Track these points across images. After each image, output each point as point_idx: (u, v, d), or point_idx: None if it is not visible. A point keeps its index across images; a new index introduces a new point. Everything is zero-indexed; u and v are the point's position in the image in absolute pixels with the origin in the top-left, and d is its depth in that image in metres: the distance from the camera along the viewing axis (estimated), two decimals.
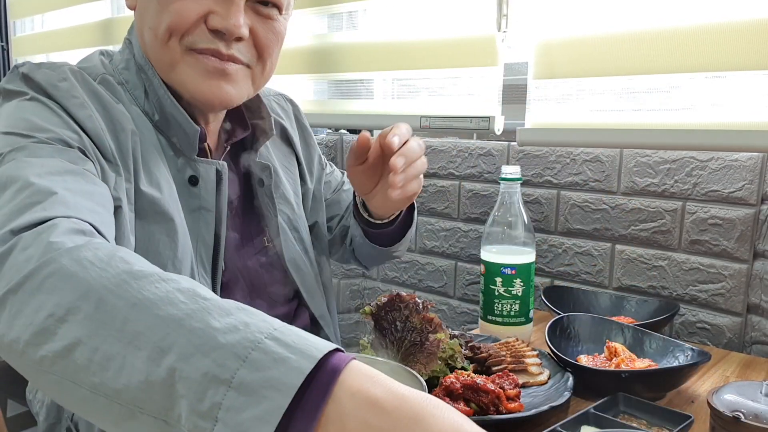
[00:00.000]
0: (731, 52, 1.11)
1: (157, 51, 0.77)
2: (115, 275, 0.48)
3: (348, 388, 0.41)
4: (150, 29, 0.77)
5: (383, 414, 0.40)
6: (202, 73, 0.77)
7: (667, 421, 0.75)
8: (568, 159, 1.35)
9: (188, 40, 0.76)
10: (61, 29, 2.98)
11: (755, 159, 1.13)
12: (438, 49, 1.52)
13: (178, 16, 0.74)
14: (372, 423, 0.40)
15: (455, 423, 0.40)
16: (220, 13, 0.74)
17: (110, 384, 0.44)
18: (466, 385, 0.78)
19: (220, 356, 0.41)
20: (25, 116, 0.68)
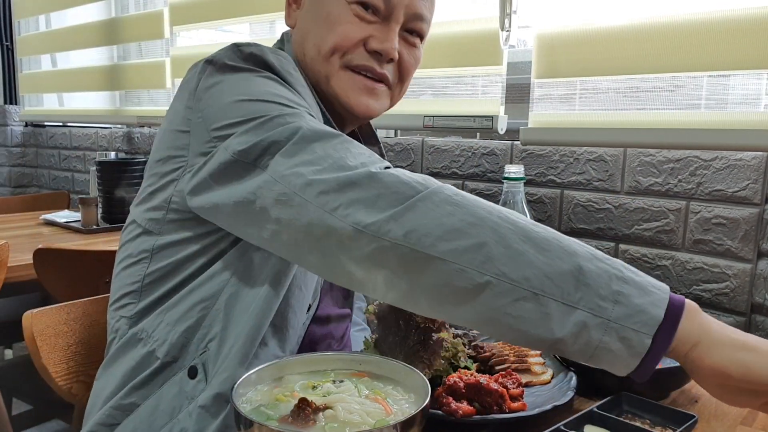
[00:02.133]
0: (735, 51, 1.11)
1: (318, 64, 0.87)
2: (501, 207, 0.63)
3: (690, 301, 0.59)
4: (314, 45, 0.87)
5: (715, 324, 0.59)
6: (354, 88, 0.88)
7: (670, 420, 0.75)
8: (571, 158, 1.35)
9: (348, 58, 0.87)
10: (65, 29, 2.98)
11: (759, 158, 1.12)
12: (441, 48, 1.52)
13: (344, 37, 0.85)
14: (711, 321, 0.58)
15: None
16: (378, 38, 0.86)
17: (518, 272, 0.58)
18: (470, 384, 0.78)
19: (613, 263, 0.59)
20: (274, 90, 0.75)
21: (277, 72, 0.79)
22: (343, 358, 0.79)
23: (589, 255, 0.59)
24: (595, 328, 0.56)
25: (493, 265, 0.58)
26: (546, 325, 0.57)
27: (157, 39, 2.45)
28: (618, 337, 0.56)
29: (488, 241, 0.59)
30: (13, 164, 3.23)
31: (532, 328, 0.58)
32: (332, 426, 0.64)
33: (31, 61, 3.25)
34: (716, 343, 0.57)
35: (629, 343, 0.55)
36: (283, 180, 0.65)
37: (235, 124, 0.71)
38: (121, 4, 2.78)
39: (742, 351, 0.56)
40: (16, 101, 3.27)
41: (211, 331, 0.81)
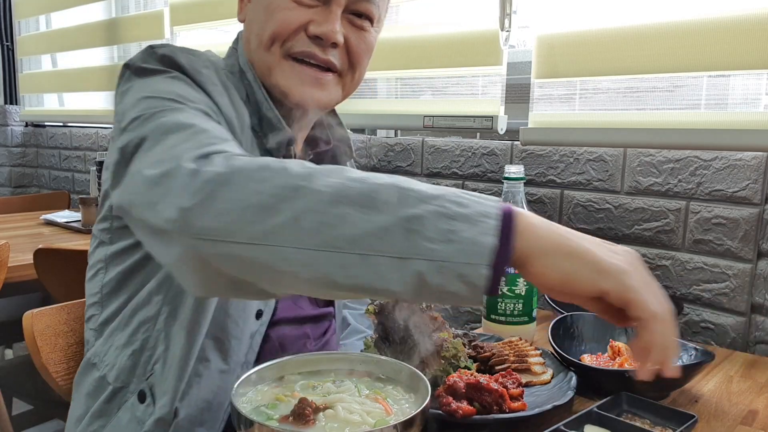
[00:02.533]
0: (735, 51, 1.11)
1: (260, 55, 0.85)
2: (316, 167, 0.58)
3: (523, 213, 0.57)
4: (256, 36, 0.85)
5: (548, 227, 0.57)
6: (297, 80, 0.85)
7: (670, 420, 0.75)
8: (571, 158, 1.35)
9: (288, 45, 0.84)
10: (65, 29, 2.98)
11: (759, 158, 1.13)
12: (441, 48, 1.52)
13: (282, 24, 0.83)
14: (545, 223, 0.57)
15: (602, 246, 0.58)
16: (318, 21, 0.82)
17: (341, 238, 0.53)
18: (470, 384, 0.78)
19: (440, 201, 0.55)
20: (173, 89, 0.73)
21: (186, 71, 0.77)
22: (343, 358, 0.79)
23: (413, 199, 0.55)
24: (431, 273, 0.53)
25: (316, 237, 0.54)
26: (382, 283, 0.54)
27: (157, 39, 2.45)
28: (455, 276, 0.53)
29: (301, 213, 0.54)
30: (13, 164, 3.24)
31: (372, 289, 0.55)
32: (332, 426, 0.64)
33: (31, 61, 3.25)
34: (543, 253, 0.56)
35: (467, 279, 0.53)
36: (134, 179, 0.62)
37: (129, 123, 0.70)
38: (122, 4, 2.79)
39: (565, 260, 0.56)
40: (16, 101, 3.27)
41: (155, 353, 0.81)
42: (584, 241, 0.57)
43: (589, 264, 0.56)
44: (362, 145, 1.72)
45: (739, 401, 0.88)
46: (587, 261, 0.56)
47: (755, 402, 0.88)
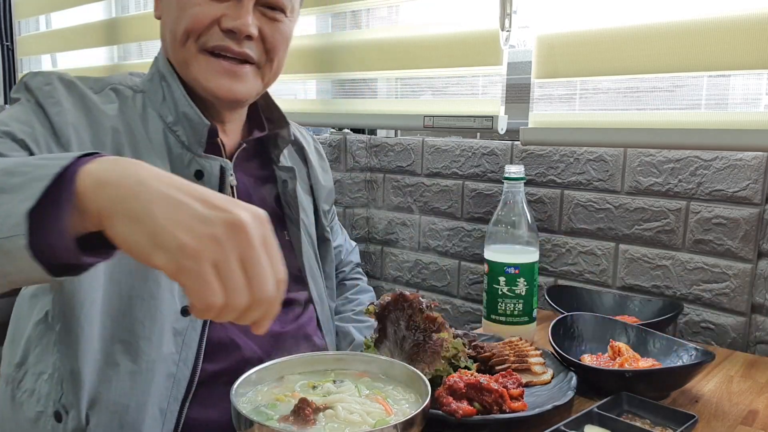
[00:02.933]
0: (735, 51, 1.11)
1: (176, 51, 0.88)
2: None
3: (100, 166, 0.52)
4: (170, 32, 0.88)
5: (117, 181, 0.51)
6: (214, 72, 0.87)
7: (671, 420, 0.75)
8: (571, 158, 1.35)
9: (202, 40, 0.86)
10: (65, 29, 2.98)
11: (760, 158, 1.12)
12: (441, 48, 1.52)
13: (194, 19, 0.84)
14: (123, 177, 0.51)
15: None
16: (231, 15, 0.84)
17: None
18: (470, 384, 0.78)
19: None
20: (2, 117, 0.79)
21: (32, 93, 0.82)
22: (343, 358, 0.79)
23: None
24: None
25: None
26: None
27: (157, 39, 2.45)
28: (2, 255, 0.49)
29: None
30: None
31: None
32: (332, 426, 0.64)
33: (31, 61, 3.25)
34: (107, 214, 0.50)
35: (11, 255, 0.49)
36: None
37: None
38: (122, 4, 2.79)
39: (125, 222, 0.50)
40: None
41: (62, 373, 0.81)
42: (161, 201, 0.50)
43: (147, 232, 0.49)
44: (362, 145, 1.72)
45: (739, 401, 0.88)
46: (146, 228, 0.49)
47: (755, 402, 0.88)
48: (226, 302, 0.50)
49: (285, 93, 2.05)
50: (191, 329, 0.85)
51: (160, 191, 0.50)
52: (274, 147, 1.03)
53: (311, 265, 1.04)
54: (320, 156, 1.18)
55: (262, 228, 0.52)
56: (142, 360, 0.81)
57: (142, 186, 0.50)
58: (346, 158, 1.73)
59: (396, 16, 1.73)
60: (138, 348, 0.81)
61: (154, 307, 0.82)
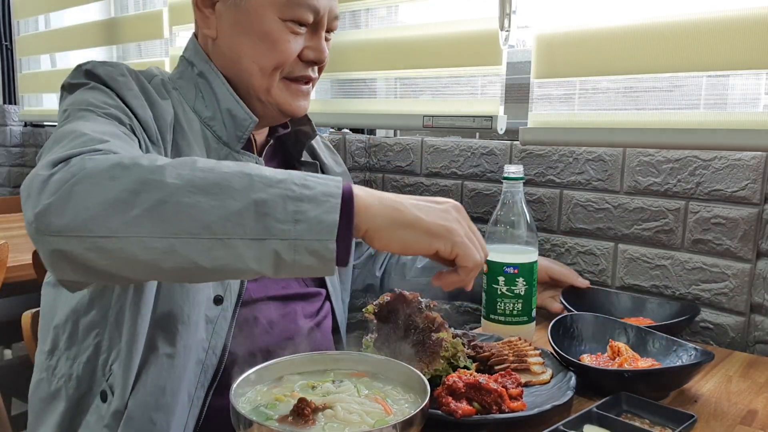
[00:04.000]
0: (734, 51, 1.11)
1: (259, 79, 0.93)
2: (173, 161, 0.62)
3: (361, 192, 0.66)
4: (254, 63, 0.92)
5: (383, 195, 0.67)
6: (292, 96, 0.95)
7: (670, 420, 0.75)
8: (570, 158, 1.35)
9: (287, 71, 0.93)
10: (64, 29, 2.98)
11: (759, 158, 1.13)
12: (441, 48, 1.52)
13: (285, 55, 0.91)
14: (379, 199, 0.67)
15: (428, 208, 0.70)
16: (313, 48, 0.93)
17: (197, 224, 0.59)
18: (469, 384, 0.78)
19: (286, 184, 0.61)
20: (86, 98, 0.81)
21: (103, 81, 0.84)
22: (342, 358, 0.79)
23: (260, 184, 0.61)
24: (286, 251, 0.60)
25: (171, 226, 0.58)
26: (243, 264, 0.60)
27: (156, 39, 2.45)
28: (308, 252, 0.61)
29: (156, 204, 0.59)
30: (12, 164, 3.23)
31: (232, 270, 0.61)
32: (332, 426, 0.64)
33: (30, 61, 3.25)
34: (380, 228, 0.65)
35: (319, 254, 0.61)
36: None
37: None
38: (121, 4, 2.78)
39: (401, 229, 0.66)
40: (15, 101, 3.26)
41: (110, 355, 0.84)
42: (414, 209, 0.67)
43: (422, 231, 0.67)
44: (361, 144, 1.72)
45: (738, 401, 0.88)
46: (420, 228, 0.67)
47: (754, 402, 0.88)
48: (482, 257, 0.71)
49: None
50: (222, 318, 0.88)
51: (409, 204, 0.68)
52: (295, 143, 1.08)
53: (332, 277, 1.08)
54: (330, 150, 1.22)
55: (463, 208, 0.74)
56: (179, 344, 0.84)
57: (397, 204, 0.67)
58: (345, 158, 1.73)
59: (395, 16, 1.73)
60: (175, 332, 0.84)
61: (193, 294, 0.85)
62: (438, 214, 0.68)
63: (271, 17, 0.89)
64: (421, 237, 0.67)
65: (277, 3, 0.89)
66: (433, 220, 0.68)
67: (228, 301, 0.89)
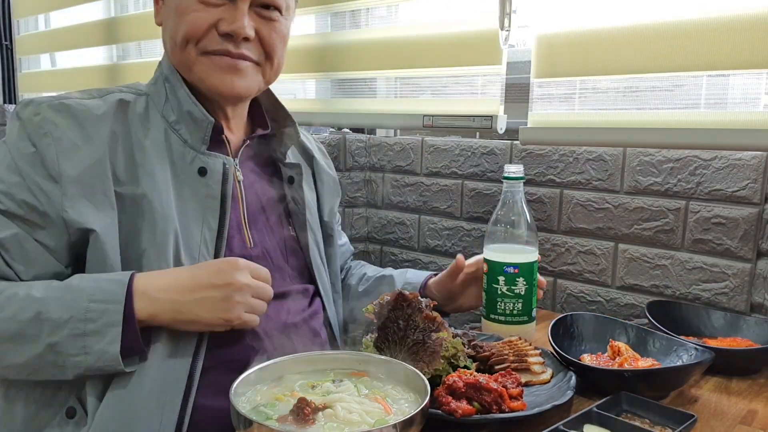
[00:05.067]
0: (735, 50, 1.11)
1: (177, 56, 0.91)
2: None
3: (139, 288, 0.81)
4: (170, 38, 0.91)
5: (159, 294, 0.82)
6: (215, 69, 0.90)
7: (670, 420, 0.75)
8: (571, 158, 1.35)
9: (202, 44, 0.89)
10: (64, 28, 2.98)
11: (759, 158, 1.12)
12: (441, 47, 1.52)
13: (193, 25, 0.88)
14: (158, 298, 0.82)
15: None
16: (227, 20, 0.88)
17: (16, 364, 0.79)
18: (469, 383, 0.78)
19: (72, 324, 0.77)
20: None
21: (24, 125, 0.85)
22: (342, 357, 0.79)
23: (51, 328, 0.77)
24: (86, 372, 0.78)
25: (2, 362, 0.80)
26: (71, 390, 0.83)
27: (156, 39, 2.45)
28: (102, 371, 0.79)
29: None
30: None
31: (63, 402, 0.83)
32: (331, 425, 0.64)
33: (30, 60, 3.25)
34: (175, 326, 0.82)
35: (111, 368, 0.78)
36: None
37: None
38: (121, 3, 2.78)
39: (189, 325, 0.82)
40: (15, 101, 3.26)
41: None
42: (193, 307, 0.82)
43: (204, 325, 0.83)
44: (361, 144, 1.72)
45: (738, 401, 0.88)
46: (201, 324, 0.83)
47: (754, 402, 0.88)
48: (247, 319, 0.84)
49: (284, 93, 2.04)
50: None
51: (186, 301, 0.81)
52: (279, 145, 1.05)
53: (316, 259, 1.06)
54: (323, 154, 1.21)
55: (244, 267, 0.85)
56: None
57: (175, 304, 0.81)
58: (346, 158, 1.73)
59: (395, 15, 1.73)
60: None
61: None
62: (216, 305, 0.81)
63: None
64: (206, 327, 0.83)
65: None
66: (209, 315, 0.81)
67: None
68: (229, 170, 0.92)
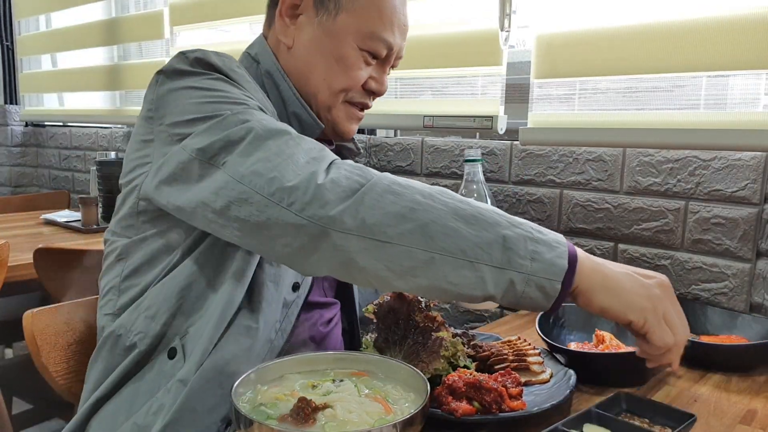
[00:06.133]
0: (735, 51, 1.11)
1: (325, 97, 0.96)
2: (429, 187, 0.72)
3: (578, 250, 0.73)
4: (324, 81, 0.95)
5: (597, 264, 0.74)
6: (348, 118, 0.99)
7: (669, 419, 0.75)
8: (570, 158, 1.35)
9: (350, 95, 0.97)
10: (65, 28, 2.98)
11: (758, 158, 1.13)
12: (441, 48, 1.52)
13: (356, 82, 0.95)
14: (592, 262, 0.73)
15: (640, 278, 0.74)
16: (377, 80, 0.97)
17: (455, 246, 0.67)
18: (469, 383, 0.78)
19: (525, 227, 0.71)
20: (222, 89, 0.80)
21: (222, 72, 0.83)
22: (343, 357, 0.79)
23: (507, 223, 0.70)
24: (520, 282, 0.68)
25: (435, 243, 0.67)
26: (482, 286, 0.68)
27: (157, 39, 2.45)
28: (537, 287, 0.69)
29: (427, 223, 0.68)
30: (13, 164, 3.24)
31: (470, 290, 0.69)
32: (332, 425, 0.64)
33: (31, 60, 3.25)
34: (588, 289, 0.71)
35: (545, 290, 0.69)
36: (243, 180, 0.71)
37: (191, 124, 0.76)
38: (121, 4, 2.79)
39: (603, 294, 0.72)
40: (16, 101, 3.27)
41: (189, 318, 0.85)
42: (621, 278, 0.73)
43: (621, 300, 0.72)
44: (362, 144, 1.73)
45: (738, 400, 0.88)
46: (620, 298, 0.72)
47: (754, 401, 0.88)
48: (675, 341, 0.73)
49: None
50: (295, 304, 0.90)
51: (618, 272, 0.73)
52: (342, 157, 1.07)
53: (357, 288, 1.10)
54: None
55: (671, 286, 0.76)
56: (261, 320, 0.86)
57: (607, 270, 0.73)
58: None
59: None
60: (259, 308, 0.86)
61: (279, 275, 0.88)
62: (640, 289, 0.73)
63: (351, 44, 0.93)
64: (619, 305, 0.72)
65: (360, 33, 0.92)
66: (634, 292, 0.73)
67: (303, 289, 0.91)
68: None
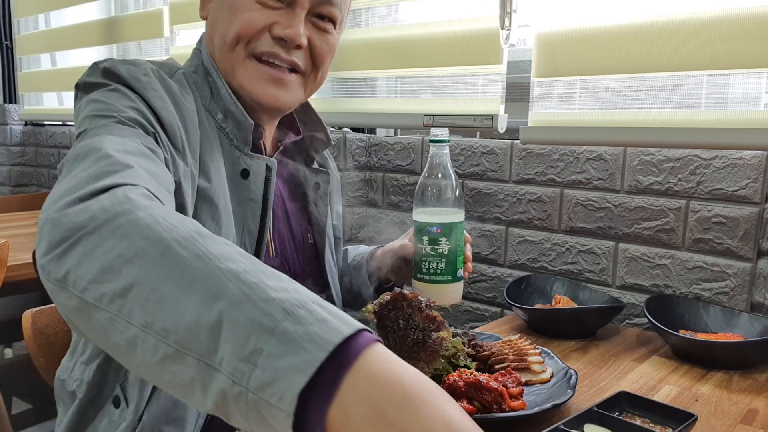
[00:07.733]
0: (735, 49, 1.11)
1: (224, 55, 0.88)
2: (185, 231, 0.50)
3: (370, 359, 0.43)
4: (220, 35, 0.87)
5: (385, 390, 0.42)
6: (259, 78, 0.87)
7: (670, 419, 0.75)
8: (571, 157, 1.35)
9: (252, 46, 0.86)
10: (64, 27, 2.98)
11: (759, 157, 1.12)
12: (441, 47, 1.52)
13: (247, 24, 0.85)
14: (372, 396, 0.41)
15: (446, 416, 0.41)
16: (283, 24, 0.85)
17: (161, 323, 0.45)
18: (469, 383, 0.78)
19: (268, 307, 0.43)
20: (108, 101, 0.75)
21: (124, 81, 0.78)
22: None
23: (242, 296, 0.44)
24: (235, 399, 0.42)
25: (139, 314, 0.46)
26: (192, 392, 0.45)
27: (156, 38, 2.45)
28: (258, 415, 0.42)
29: (137, 283, 0.47)
30: (12, 163, 3.23)
31: (184, 395, 0.46)
32: None
33: (30, 60, 3.25)
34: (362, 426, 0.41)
35: (269, 424, 0.41)
36: None
37: None
38: (121, 3, 2.78)
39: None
40: (15, 100, 3.26)
41: None
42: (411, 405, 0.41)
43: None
44: (362, 144, 1.72)
45: (738, 400, 0.88)
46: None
47: (755, 401, 0.88)
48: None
49: None
50: None
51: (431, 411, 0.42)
52: (309, 150, 1.04)
53: (331, 267, 1.06)
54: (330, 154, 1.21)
55: None
56: None
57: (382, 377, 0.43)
58: (346, 157, 1.73)
59: (395, 14, 1.73)
60: None
61: None
62: None
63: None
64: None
65: None
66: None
67: None
68: (272, 173, 0.90)
